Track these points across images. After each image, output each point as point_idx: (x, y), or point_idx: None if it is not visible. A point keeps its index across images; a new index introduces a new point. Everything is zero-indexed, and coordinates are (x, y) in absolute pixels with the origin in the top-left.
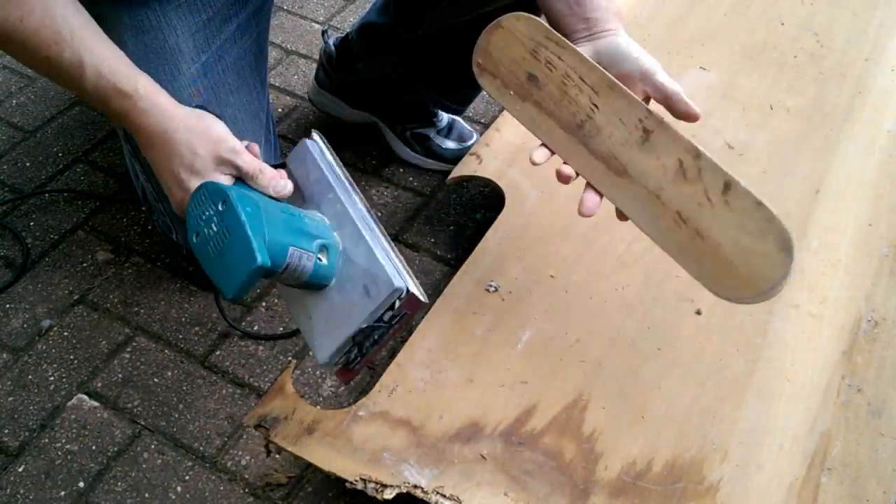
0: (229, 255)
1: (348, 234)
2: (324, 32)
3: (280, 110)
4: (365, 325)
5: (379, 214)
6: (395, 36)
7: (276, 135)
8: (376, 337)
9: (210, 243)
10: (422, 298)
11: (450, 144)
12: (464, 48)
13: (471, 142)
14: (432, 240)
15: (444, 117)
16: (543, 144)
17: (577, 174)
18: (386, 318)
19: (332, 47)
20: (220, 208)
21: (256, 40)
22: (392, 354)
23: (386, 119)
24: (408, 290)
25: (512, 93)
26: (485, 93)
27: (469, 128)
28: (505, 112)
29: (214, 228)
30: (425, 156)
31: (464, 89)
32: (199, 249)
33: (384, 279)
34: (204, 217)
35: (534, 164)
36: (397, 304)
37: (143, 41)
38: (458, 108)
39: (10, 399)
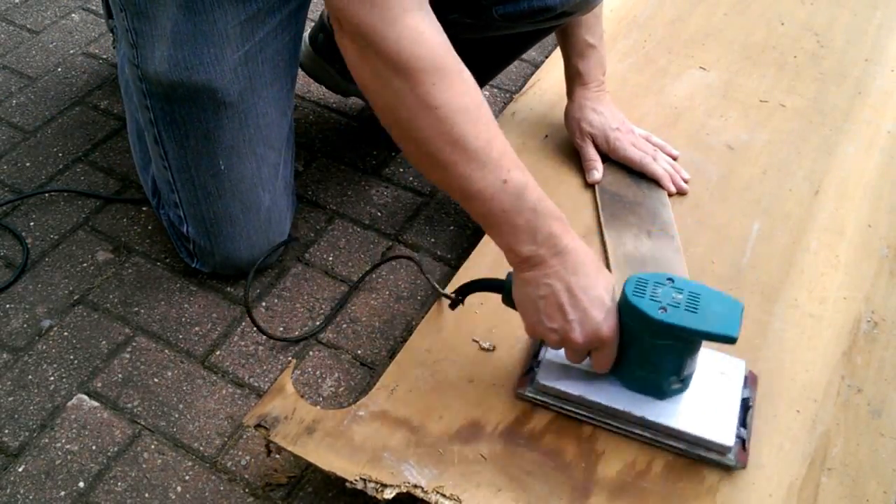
0: (711, 307)
1: None
2: None
3: None
4: (742, 402)
5: (379, 214)
6: None
7: (293, 136)
8: (747, 410)
9: (682, 307)
10: (754, 374)
11: None
12: (470, 57)
13: None
14: (432, 240)
15: None
16: None
17: None
18: (745, 393)
19: None
20: (670, 284)
21: (294, 38)
22: (392, 354)
23: None
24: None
25: None
26: (483, 93)
27: None
28: (504, 112)
29: (679, 296)
30: None
31: None
32: (673, 316)
33: (732, 360)
34: (659, 294)
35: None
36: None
37: (193, 21)
38: None
39: (10, 399)
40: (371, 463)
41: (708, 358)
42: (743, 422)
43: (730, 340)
